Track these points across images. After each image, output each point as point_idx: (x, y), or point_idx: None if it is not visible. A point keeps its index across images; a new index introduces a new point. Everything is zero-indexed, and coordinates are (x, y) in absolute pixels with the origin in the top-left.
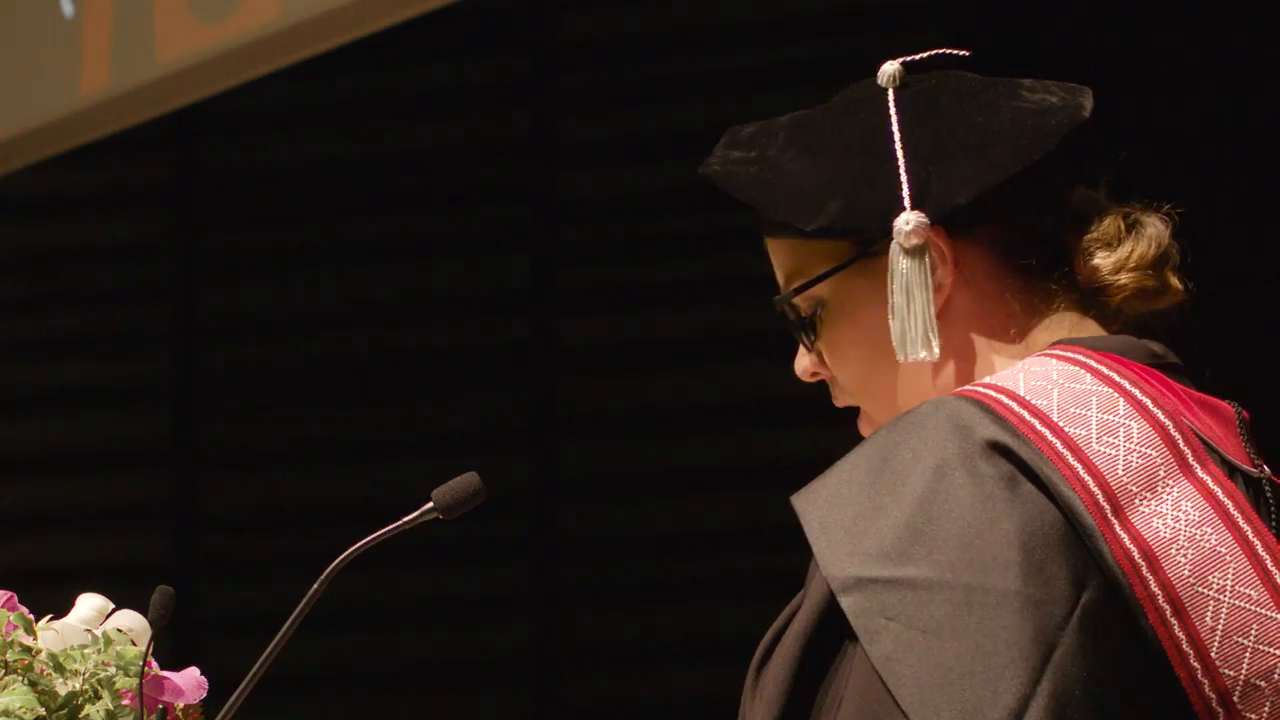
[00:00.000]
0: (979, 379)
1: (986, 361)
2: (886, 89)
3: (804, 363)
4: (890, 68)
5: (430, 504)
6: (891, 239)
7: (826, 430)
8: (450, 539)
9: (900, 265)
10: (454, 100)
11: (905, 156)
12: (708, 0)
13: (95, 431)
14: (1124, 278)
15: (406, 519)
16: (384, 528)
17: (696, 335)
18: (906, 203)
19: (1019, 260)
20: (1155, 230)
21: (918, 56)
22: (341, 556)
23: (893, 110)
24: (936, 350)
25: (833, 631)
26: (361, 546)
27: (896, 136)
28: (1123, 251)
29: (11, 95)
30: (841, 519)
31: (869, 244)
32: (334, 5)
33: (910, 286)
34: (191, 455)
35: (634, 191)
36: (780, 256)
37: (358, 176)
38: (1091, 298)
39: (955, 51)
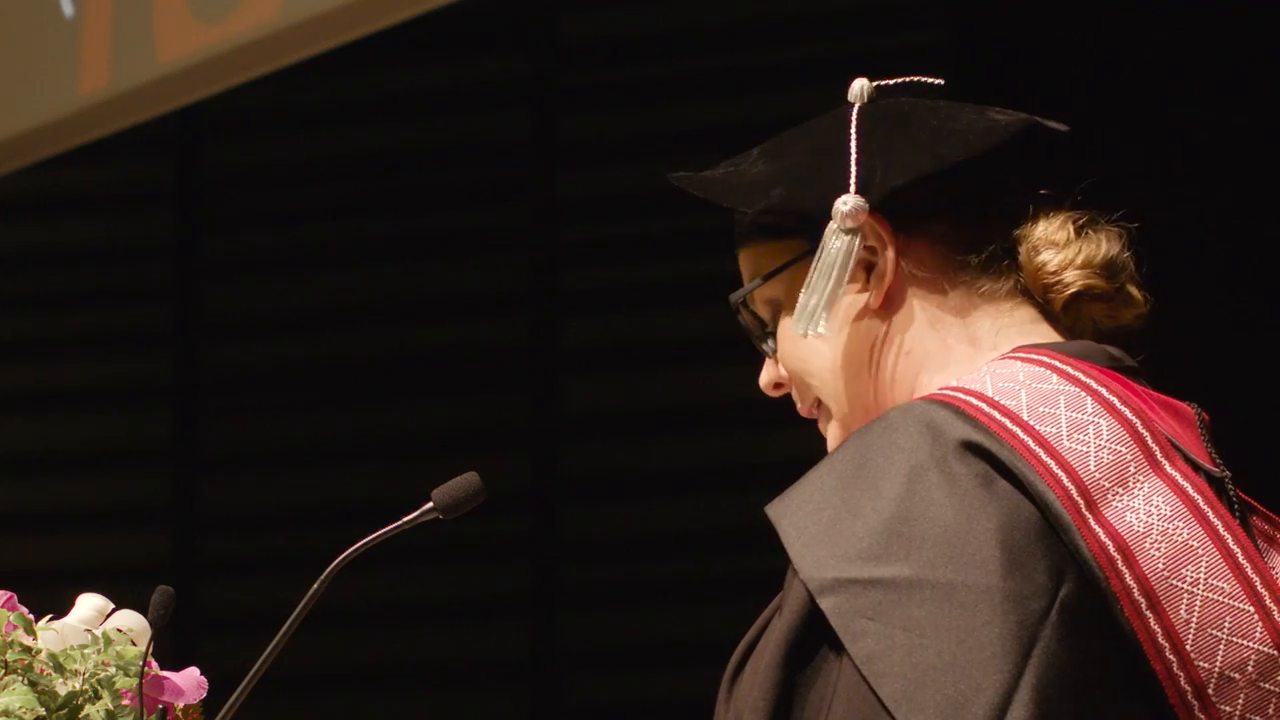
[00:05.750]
0: (929, 372)
1: (936, 355)
2: (854, 104)
3: (769, 374)
4: (861, 84)
5: (430, 504)
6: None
7: None
8: (450, 539)
9: (831, 244)
10: (454, 100)
11: (857, 151)
12: (708, 0)
13: (95, 431)
14: (1069, 275)
15: (406, 519)
16: (384, 528)
17: (696, 335)
18: (851, 187)
19: (965, 257)
20: (1106, 236)
21: (891, 82)
22: (341, 556)
23: (854, 118)
24: (822, 329)
25: (815, 636)
26: (361, 546)
27: (853, 137)
28: (1070, 251)
29: (11, 95)
30: (817, 525)
31: (817, 238)
32: (334, 5)
33: (832, 265)
34: (191, 455)
35: (634, 191)
36: (744, 265)
37: (357, 176)
38: (1042, 300)
39: (929, 80)
